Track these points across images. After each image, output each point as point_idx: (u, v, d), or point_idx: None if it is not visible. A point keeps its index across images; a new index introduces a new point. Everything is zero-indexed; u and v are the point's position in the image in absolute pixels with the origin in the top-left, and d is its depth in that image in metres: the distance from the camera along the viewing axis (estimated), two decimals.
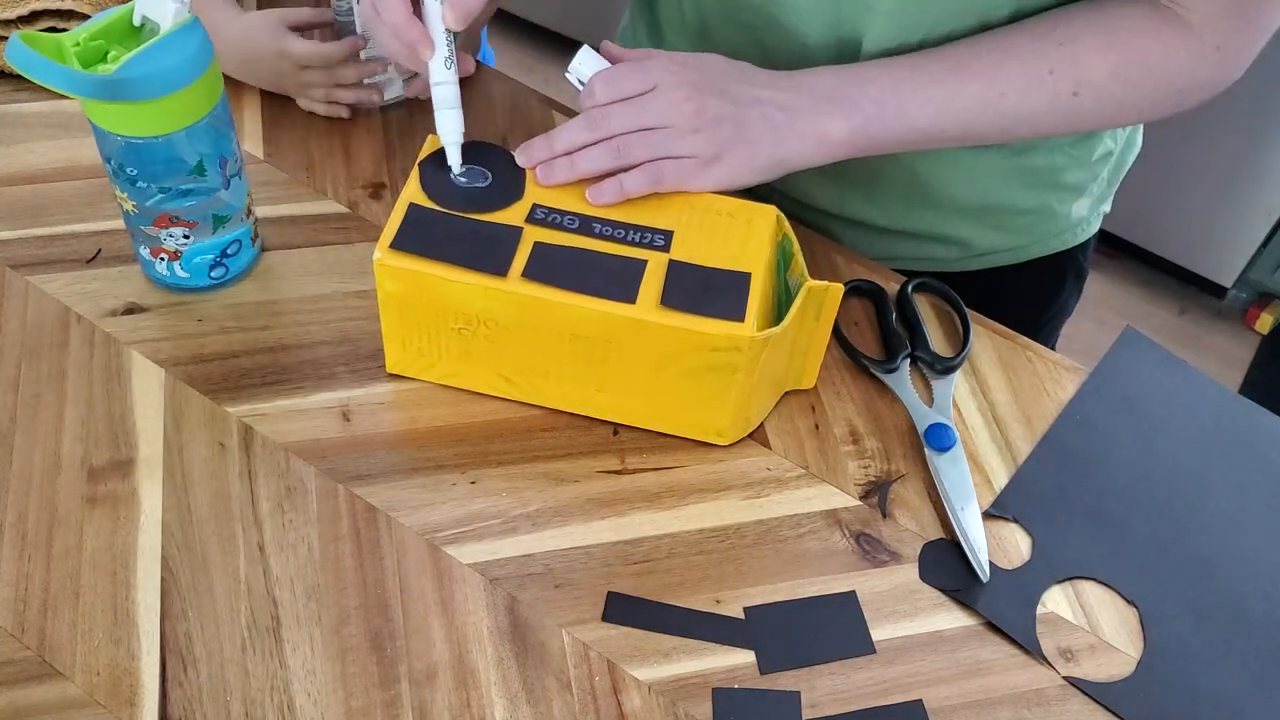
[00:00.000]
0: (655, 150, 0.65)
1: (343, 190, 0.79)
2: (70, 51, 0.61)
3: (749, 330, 0.61)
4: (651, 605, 0.60)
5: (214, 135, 0.65)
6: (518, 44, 2.25)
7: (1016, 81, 0.67)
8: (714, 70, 0.67)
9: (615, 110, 0.65)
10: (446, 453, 0.66)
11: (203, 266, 0.70)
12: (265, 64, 0.80)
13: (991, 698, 0.59)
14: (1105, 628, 0.62)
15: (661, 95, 0.65)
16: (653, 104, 0.65)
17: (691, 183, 0.65)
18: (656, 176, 0.65)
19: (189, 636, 0.58)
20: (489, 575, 0.61)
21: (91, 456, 0.64)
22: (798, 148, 0.66)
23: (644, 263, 0.63)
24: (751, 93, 0.66)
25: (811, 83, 0.67)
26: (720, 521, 0.64)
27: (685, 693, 0.58)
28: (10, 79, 0.82)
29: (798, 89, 0.67)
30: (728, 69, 0.67)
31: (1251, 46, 0.67)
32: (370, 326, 0.71)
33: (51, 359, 0.68)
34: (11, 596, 0.58)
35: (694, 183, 0.65)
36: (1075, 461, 0.68)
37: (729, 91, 0.66)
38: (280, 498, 0.63)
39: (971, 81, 0.67)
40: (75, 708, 0.55)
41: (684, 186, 0.65)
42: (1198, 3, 0.65)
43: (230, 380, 0.68)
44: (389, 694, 0.57)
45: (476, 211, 0.64)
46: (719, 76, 0.67)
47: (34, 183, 0.77)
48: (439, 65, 0.65)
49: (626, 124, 0.65)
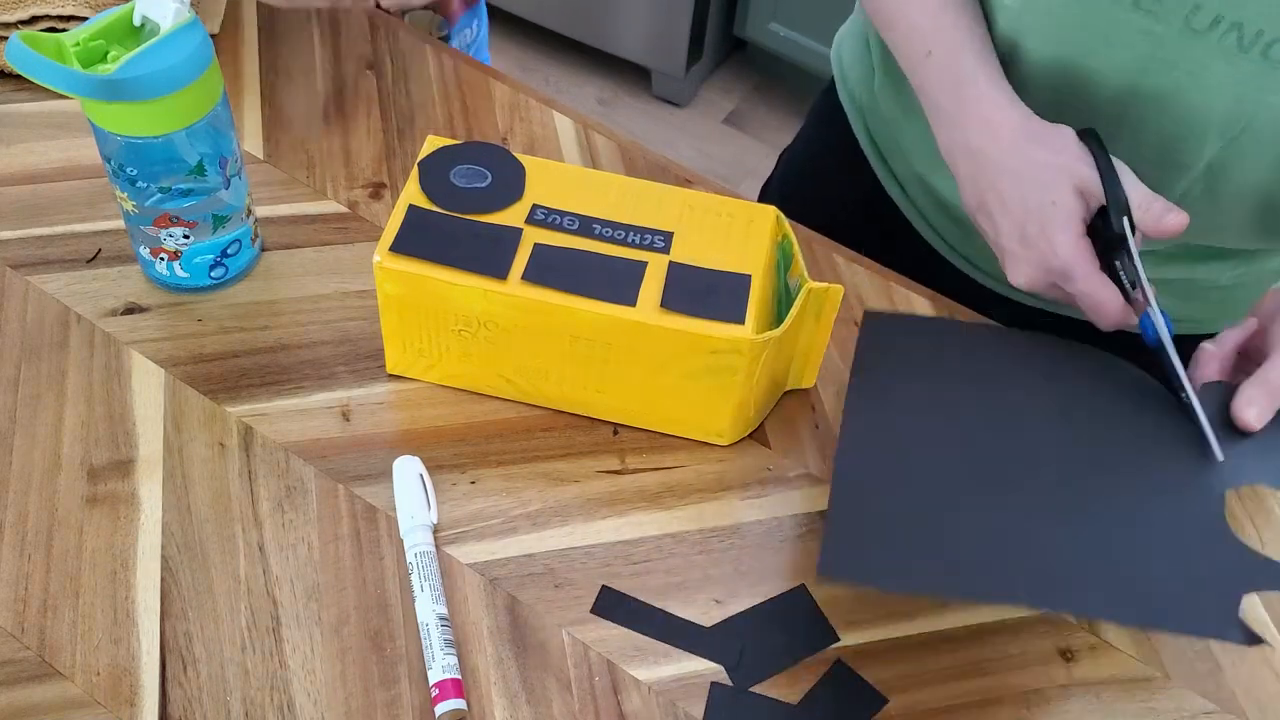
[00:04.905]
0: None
1: (343, 190, 0.79)
2: (70, 51, 0.61)
3: (749, 333, 0.61)
4: (637, 604, 0.60)
5: (214, 135, 0.65)
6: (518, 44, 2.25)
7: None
8: None
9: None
10: (446, 453, 0.66)
11: (203, 266, 0.70)
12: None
13: (991, 698, 0.59)
14: (1106, 627, 0.62)
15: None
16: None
17: None
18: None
19: (189, 636, 0.58)
20: (489, 575, 0.61)
21: (91, 456, 0.64)
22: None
23: (644, 264, 0.63)
24: None
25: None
26: (720, 521, 0.64)
27: (685, 693, 0.58)
28: (10, 79, 0.82)
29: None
30: None
31: None
32: (370, 326, 0.71)
33: (51, 359, 0.68)
34: (11, 596, 0.58)
35: None
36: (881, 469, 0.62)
37: None
38: (280, 498, 0.63)
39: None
40: (75, 708, 0.55)
41: None
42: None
43: (230, 380, 0.68)
44: (389, 694, 0.57)
45: (476, 213, 0.64)
46: None
47: (34, 183, 0.77)
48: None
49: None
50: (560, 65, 2.24)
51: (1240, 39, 0.61)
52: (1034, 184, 0.63)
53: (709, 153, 2.14)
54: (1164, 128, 0.67)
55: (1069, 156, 0.63)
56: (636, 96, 2.22)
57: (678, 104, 2.22)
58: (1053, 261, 0.62)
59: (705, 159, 2.12)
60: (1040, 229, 0.62)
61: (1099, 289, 0.61)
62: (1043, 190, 0.63)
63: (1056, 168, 0.63)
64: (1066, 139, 0.64)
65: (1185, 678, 0.61)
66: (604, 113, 2.15)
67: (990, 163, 0.65)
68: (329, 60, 0.87)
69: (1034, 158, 0.63)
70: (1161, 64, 0.64)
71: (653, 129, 2.16)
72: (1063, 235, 0.61)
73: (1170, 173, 0.69)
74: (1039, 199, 0.62)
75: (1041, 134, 0.64)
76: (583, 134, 0.84)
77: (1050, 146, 0.63)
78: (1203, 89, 0.64)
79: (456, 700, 0.56)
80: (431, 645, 0.57)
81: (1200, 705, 0.60)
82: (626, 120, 2.16)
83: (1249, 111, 0.64)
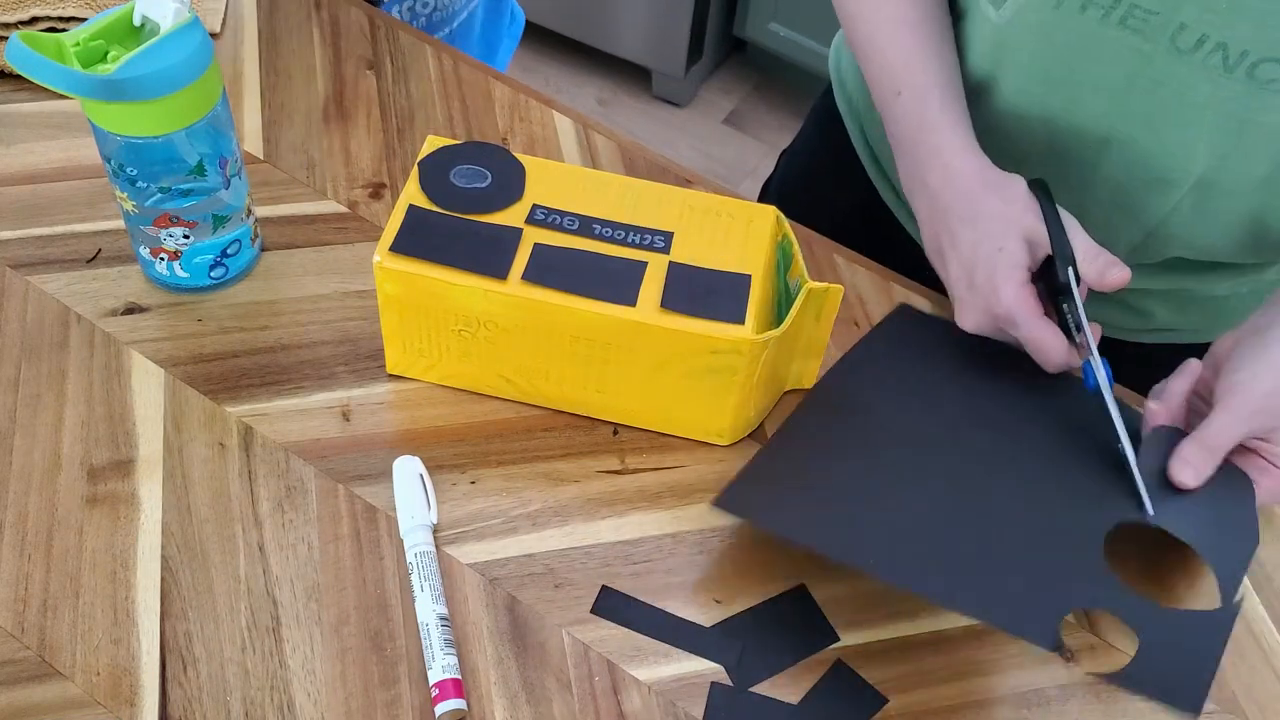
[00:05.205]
0: None
1: (343, 190, 0.79)
2: (70, 51, 0.61)
3: (749, 333, 0.61)
4: (637, 604, 0.60)
5: (214, 135, 0.65)
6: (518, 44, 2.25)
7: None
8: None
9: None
10: (446, 453, 0.66)
11: (203, 266, 0.70)
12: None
13: (991, 698, 0.59)
14: (1106, 627, 0.62)
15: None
16: None
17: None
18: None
19: (189, 636, 0.58)
20: (489, 575, 0.61)
21: (91, 456, 0.64)
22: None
23: (644, 265, 0.63)
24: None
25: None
26: (720, 521, 0.64)
27: (685, 693, 0.58)
28: (10, 79, 0.82)
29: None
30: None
31: None
32: (370, 326, 0.71)
33: (51, 359, 0.68)
34: (11, 596, 0.58)
35: None
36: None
37: None
38: (280, 498, 0.63)
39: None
40: (75, 708, 0.55)
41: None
42: None
43: (230, 380, 0.68)
44: (389, 694, 0.57)
45: (476, 213, 0.64)
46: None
47: (34, 183, 0.77)
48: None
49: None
50: (560, 65, 2.24)
51: (1225, 59, 0.61)
52: (984, 232, 0.65)
53: (709, 153, 2.14)
54: (1151, 146, 0.68)
55: (1019, 207, 0.64)
56: (636, 96, 2.22)
57: (678, 104, 2.22)
58: (997, 309, 0.64)
59: (705, 159, 2.12)
60: (987, 276, 0.64)
61: (1042, 334, 0.63)
62: (991, 239, 0.64)
63: (1006, 218, 0.64)
64: (1017, 189, 0.65)
65: None
66: (604, 113, 2.15)
67: (945, 207, 0.67)
68: (329, 60, 0.87)
69: (986, 206, 0.65)
70: (1148, 82, 0.65)
71: (653, 129, 2.16)
72: (1007, 284, 0.63)
73: (1158, 190, 0.70)
74: (988, 247, 0.64)
75: (995, 183, 0.66)
76: (583, 134, 0.84)
77: (1002, 196, 0.65)
78: (1189, 108, 0.64)
79: (456, 700, 0.56)
80: (431, 645, 0.57)
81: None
82: (626, 120, 2.16)
83: (1236, 130, 0.64)
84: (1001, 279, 0.63)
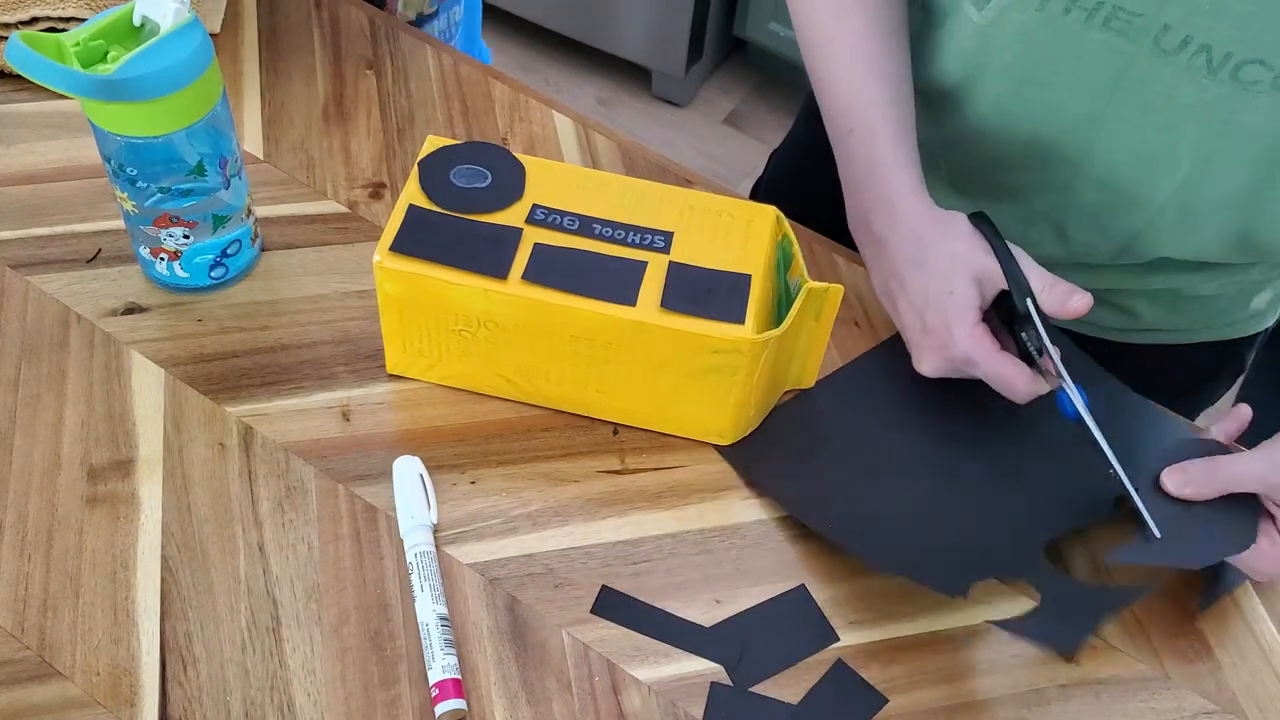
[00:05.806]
0: None
1: (343, 190, 0.79)
2: (70, 51, 0.61)
3: (749, 333, 0.61)
4: (637, 604, 0.60)
5: (214, 135, 0.65)
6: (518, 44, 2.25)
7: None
8: None
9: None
10: (446, 453, 0.66)
11: (203, 266, 0.70)
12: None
13: (991, 698, 0.59)
14: (1106, 628, 0.62)
15: None
16: None
17: None
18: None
19: (189, 636, 0.58)
20: (489, 575, 0.61)
21: (91, 456, 0.64)
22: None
23: (644, 264, 0.63)
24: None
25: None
26: (721, 521, 0.64)
27: (685, 693, 0.58)
28: (10, 79, 0.82)
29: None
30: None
31: None
32: (370, 326, 0.71)
33: (51, 359, 0.68)
34: (11, 596, 0.58)
35: None
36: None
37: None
38: (280, 498, 0.63)
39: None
40: (75, 708, 0.55)
41: None
42: None
43: (230, 380, 0.68)
44: (389, 694, 0.57)
45: (476, 212, 0.64)
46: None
47: (34, 183, 0.77)
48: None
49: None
50: (560, 65, 2.24)
51: (1209, 60, 0.61)
52: (934, 272, 0.64)
53: (709, 153, 2.14)
54: (1135, 148, 0.68)
55: (966, 245, 0.64)
56: (636, 96, 2.22)
57: (678, 104, 2.21)
58: (953, 350, 0.63)
59: (705, 159, 2.12)
60: (938, 318, 0.63)
61: (1001, 369, 0.63)
62: (941, 279, 0.64)
63: (954, 256, 0.64)
64: (961, 227, 0.65)
65: (1185, 678, 0.61)
66: (604, 113, 2.15)
67: (891, 249, 0.66)
68: (329, 60, 0.87)
69: (934, 247, 0.64)
70: (1132, 83, 0.65)
71: (653, 129, 2.16)
72: (959, 326, 0.63)
73: (1143, 192, 0.70)
74: (937, 289, 0.64)
75: (940, 220, 0.65)
76: (583, 134, 0.84)
77: (947, 234, 0.65)
78: (1173, 109, 0.64)
79: (456, 700, 0.56)
80: (431, 645, 0.57)
81: (1200, 705, 0.60)
82: (626, 120, 2.16)
83: (1220, 132, 0.64)
84: (954, 320, 0.63)
